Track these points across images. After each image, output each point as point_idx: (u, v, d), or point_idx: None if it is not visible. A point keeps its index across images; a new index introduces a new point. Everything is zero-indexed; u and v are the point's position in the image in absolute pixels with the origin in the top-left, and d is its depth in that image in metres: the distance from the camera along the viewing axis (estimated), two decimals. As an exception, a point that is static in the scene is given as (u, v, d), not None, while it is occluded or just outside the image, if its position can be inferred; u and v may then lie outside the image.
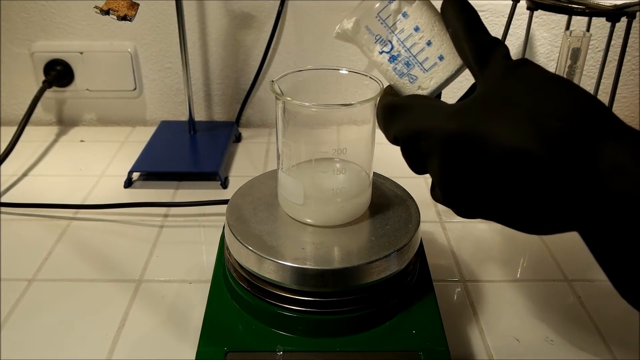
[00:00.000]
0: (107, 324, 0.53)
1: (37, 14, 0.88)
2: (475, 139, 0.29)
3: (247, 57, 0.92)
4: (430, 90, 0.35)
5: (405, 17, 0.33)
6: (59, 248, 0.64)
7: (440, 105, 0.32)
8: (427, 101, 0.33)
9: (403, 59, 0.34)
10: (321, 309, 0.46)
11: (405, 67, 0.35)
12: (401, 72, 0.35)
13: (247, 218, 0.50)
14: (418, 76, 0.35)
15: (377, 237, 0.47)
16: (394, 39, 0.34)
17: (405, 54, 0.34)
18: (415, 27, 0.33)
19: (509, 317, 0.55)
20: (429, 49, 0.34)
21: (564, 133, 0.27)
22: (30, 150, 0.87)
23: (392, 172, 0.58)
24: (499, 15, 0.88)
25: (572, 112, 0.28)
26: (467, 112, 0.30)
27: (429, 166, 0.34)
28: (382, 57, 0.35)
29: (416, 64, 0.34)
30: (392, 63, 0.35)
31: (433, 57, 0.34)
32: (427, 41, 0.34)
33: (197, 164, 0.80)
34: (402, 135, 0.34)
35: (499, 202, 0.31)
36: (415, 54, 0.34)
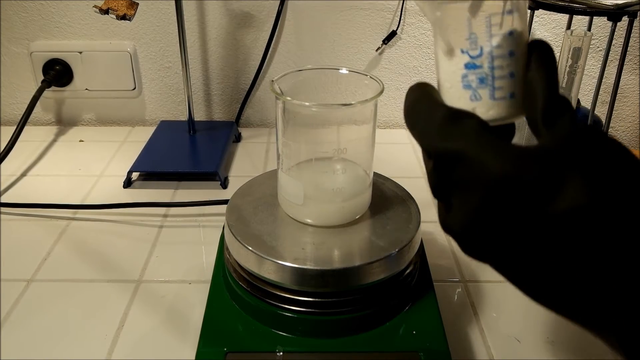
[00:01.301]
0: (107, 324, 0.53)
1: (36, 14, 0.88)
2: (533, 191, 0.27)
3: (246, 57, 0.92)
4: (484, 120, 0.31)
5: (510, 36, 0.30)
6: (58, 248, 0.64)
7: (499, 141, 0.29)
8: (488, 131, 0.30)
9: (481, 73, 0.30)
10: (321, 310, 0.45)
11: (477, 82, 0.30)
12: (468, 84, 0.31)
13: (247, 218, 0.49)
14: (482, 98, 0.31)
15: (377, 237, 0.47)
16: (487, 49, 0.30)
17: (487, 70, 0.30)
18: (510, 51, 0.30)
19: (509, 318, 0.55)
20: (508, 80, 0.30)
21: None
22: (29, 150, 0.87)
23: (392, 172, 0.57)
24: (499, 15, 0.88)
25: None
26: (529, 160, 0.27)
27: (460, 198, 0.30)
28: (461, 57, 0.31)
29: (489, 86, 0.30)
30: (466, 69, 0.31)
31: (507, 90, 0.30)
32: (512, 72, 0.30)
33: (197, 164, 0.80)
34: (444, 152, 0.30)
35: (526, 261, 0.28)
36: (495, 76, 0.30)
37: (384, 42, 0.90)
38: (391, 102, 0.96)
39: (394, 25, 0.89)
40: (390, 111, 0.97)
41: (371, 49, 0.91)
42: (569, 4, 0.66)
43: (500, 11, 0.30)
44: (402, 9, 0.88)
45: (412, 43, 0.91)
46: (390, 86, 0.94)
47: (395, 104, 0.96)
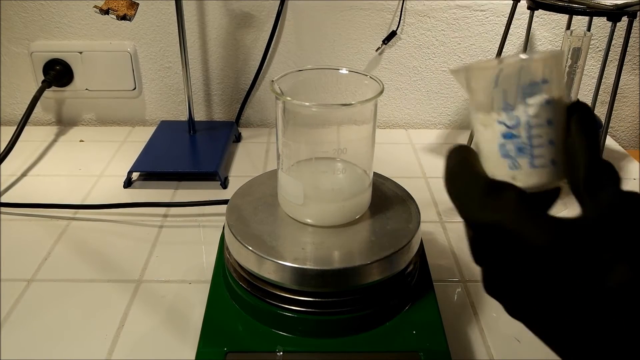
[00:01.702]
0: (107, 324, 0.53)
1: (36, 14, 0.88)
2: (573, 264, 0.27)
3: (246, 57, 0.92)
4: (523, 187, 0.30)
5: (547, 105, 0.29)
6: (58, 248, 0.64)
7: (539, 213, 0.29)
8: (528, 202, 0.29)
9: (519, 143, 0.29)
10: (321, 309, 0.45)
11: (515, 151, 0.30)
12: (506, 153, 0.30)
13: (247, 218, 0.49)
14: (522, 167, 0.30)
15: (377, 237, 0.47)
16: (524, 118, 0.29)
17: (525, 139, 0.29)
18: (549, 120, 0.29)
19: (509, 317, 0.54)
20: (548, 148, 0.29)
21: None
22: (29, 150, 0.87)
23: (392, 172, 0.57)
24: (500, 15, 0.88)
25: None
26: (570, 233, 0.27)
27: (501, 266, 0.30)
28: (497, 127, 0.30)
29: (528, 155, 0.30)
30: (504, 139, 0.30)
31: (547, 157, 0.30)
32: (551, 140, 0.29)
33: (197, 164, 0.80)
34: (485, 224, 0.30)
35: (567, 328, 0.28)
36: (533, 145, 0.29)
37: (384, 42, 0.90)
38: (391, 102, 0.96)
39: (394, 25, 0.89)
40: (390, 111, 0.97)
41: (371, 49, 0.91)
42: (569, 4, 0.66)
43: (534, 82, 0.29)
44: (402, 9, 0.88)
45: (412, 43, 0.91)
46: (390, 86, 0.94)
47: (395, 104, 0.96)
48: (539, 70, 0.29)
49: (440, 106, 0.96)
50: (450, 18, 0.89)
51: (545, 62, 0.29)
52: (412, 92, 0.95)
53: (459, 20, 0.89)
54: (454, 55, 0.92)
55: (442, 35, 0.90)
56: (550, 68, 0.29)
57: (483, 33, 0.90)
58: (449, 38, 0.90)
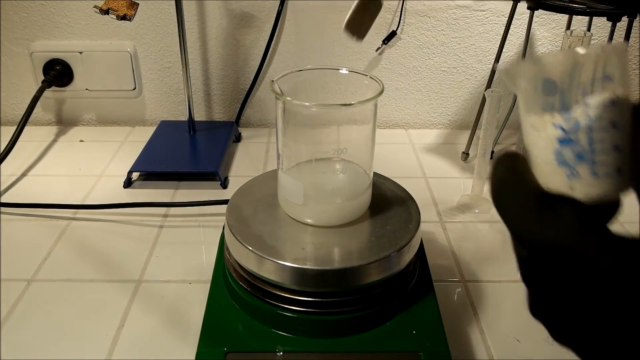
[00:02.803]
0: (107, 324, 0.53)
1: (36, 14, 0.88)
2: None
3: (247, 57, 0.92)
4: (582, 199, 0.27)
5: (611, 106, 0.25)
6: (58, 248, 0.64)
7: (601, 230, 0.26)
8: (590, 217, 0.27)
9: (578, 149, 0.26)
10: (321, 310, 0.45)
11: (574, 158, 0.26)
12: (563, 160, 0.26)
13: (247, 218, 0.49)
14: (582, 176, 0.26)
15: (377, 238, 0.47)
16: (585, 122, 0.26)
17: (585, 145, 0.26)
18: (613, 123, 0.25)
19: (509, 317, 0.55)
20: (612, 154, 0.26)
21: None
22: (29, 150, 0.87)
23: (392, 172, 0.57)
24: (500, 15, 0.88)
25: None
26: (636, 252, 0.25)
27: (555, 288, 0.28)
28: (552, 132, 0.26)
29: (589, 162, 0.26)
30: (560, 145, 0.26)
31: (612, 165, 0.26)
32: (616, 145, 0.26)
33: (197, 163, 0.80)
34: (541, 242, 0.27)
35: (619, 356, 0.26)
36: (596, 151, 0.26)
37: (384, 42, 0.90)
38: (391, 102, 0.96)
39: (394, 25, 0.89)
40: (390, 111, 0.97)
41: (371, 49, 0.91)
42: (569, 4, 0.66)
43: (596, 78, 0.26)
44: (402, 9, 0.88)
45: (412, 43, 0.91)
46: (390, 86, 0.94)
47: (395, 104, 0.96)
48: (600, 66, 0.26)
49: (440, 106, 0.96)
50: (450, 18, 0.89)
51: (607, 56, 0.26)
52: (412, 92, 0.95)
53: (459, 20, 0.89)
54: (454, 55, 0.92)
55: (442, 35, 0.90)
56: (613, 63, 0.26)
57: (483, 33, 0.90)
58: (449, 38, 0.90)
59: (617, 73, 0.26)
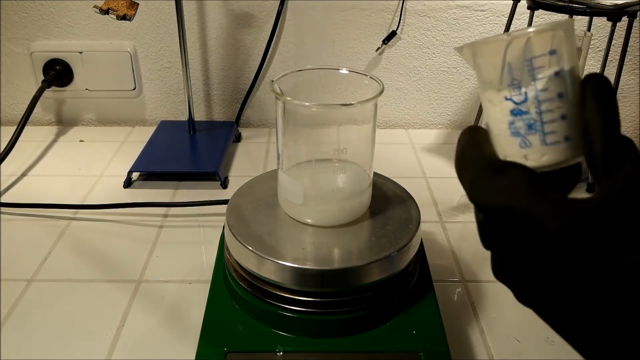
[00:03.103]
0: (107, 324, 0.53)
1: (36, 14, 0.88)
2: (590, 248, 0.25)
3: (246, 57, 0.92)
4: (536, 166, 0.29)
5: (557, 77, 0.27)
6: (58, 248, 0.64)
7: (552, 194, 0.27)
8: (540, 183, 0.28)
9: (528, 119, 0.28)
10: (321, 309, 0.45)
11: (525, 128, 0.28)
12: (516, 131, 0.28)
13: (247, 218, 0.49)
14: (533, 145, 0.28)
15: (377, 237, 0.47)
16: (532, 93, 0.28)
17: (535, 115, 0.28)
18: (559, 93, 0.27)
19: (509, 317, 0.55)
20: (560, 123, 0.28)
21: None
22: (29, 150, 0.87)
23: (392, 172, 0.57)
24: (500, 15, 0.88)
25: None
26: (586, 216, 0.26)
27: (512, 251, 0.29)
28: (505, 105, 0.29)
29: (539, 131, 0.28)
30: (512, 116, 0.28)
31: (560, 133, 0.28)
32: (563, 114, 0.28)
33: (197, 163, 0.80)
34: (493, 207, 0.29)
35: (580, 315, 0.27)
36: (544, 121, 0.28)
37: (384, 42, 0.90)
38: (391, 102, 0.96)
39: (394, 25, 0.89)
40: (390, 111, 0.97)
41: (371, 49, 0.91)
42: (569, 4, 0.66)
43: (542, 53, 0.27)
44: (402, 9, 0.88)
45: (412, 43, 0.91)
46: (390, 86, 0.94)
47: (395, 104, 0.96)
48: (547, 42, 0.27)
49: (440, 106, 0.96)
50: (450, 18, 0.89)
51: (553, 32, 0.27)
52: (412, 92, 0.95)
53: (459, 20, 0.89)
54: (454, 55, 0.92)
55: (442, 35, 0.90)
56: (558, 38, 0.27)
57: (483, 33, 0.90)
58: (449, 38, 0.90)
59: (564, 47, 0.27)
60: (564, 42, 0.27)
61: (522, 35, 0.27)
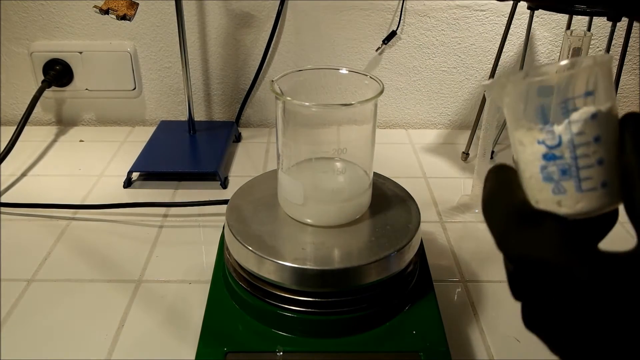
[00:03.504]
0: (107, 324, 0.53)
1: (36, 14, 0.88)
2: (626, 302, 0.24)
3: (246, 57, 0.92)
4: (570, 213, 0.27)
5: (593, 119, 0.25)
6: (58, 248, 0.64)
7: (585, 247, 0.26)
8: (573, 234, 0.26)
9: (562, 164, 0.26)
10: (321, 310, 0.45)
11: (559, 173, 0.26)
12: (549, 176, 0.26)
13: (247, 218, 0.49)
14: (567, 191, 0.26)
15: (377, 238, 0.47)
16: (567, 137, 0.26)
17: (570, 160, 0.26)
18: (596, 137, 0.25)
19: (509, 317, 0.55)
20: (596, 168, 0.26)
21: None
22: (29, 150, 0.87)
23: (392, 172, 0.57)
24: (500, 15, 0.88)
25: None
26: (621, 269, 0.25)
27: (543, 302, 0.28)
28: (537, 148, 0.26)
29: (574, 177, 0.26)
30: (545, 160, 0.26)
31: (597, 179, 0.26)
32: (600, 159, 0.26)
33: (197, 164, 0.80)
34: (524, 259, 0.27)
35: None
36: (580, 167, 0.26)
37: (384, 42, 0.90)
38: (391, 102, 0.96)
39: (394, 25, 0.89)
40: (390, 111, 0.97)
41: (371, 49, 0.91)
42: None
43: (577, 95, 0.26)
44: (402, 9, 0.88)
45: (412, 43, 0.91)
46: (390, 86, 0.94)
47: (395, 104, 0.96)
48: (583, 81, 0.26)
49: (440, 106, 0.96)
50: (450, 18, 0.89)
51: (589, 70, 0.26)
52: (412, 92, 0.95)
53: (459, 20, 0.89)
54: (454, 55, 0.92)
55: (442, 35, 0.90)
56: (595, 77, 0.26)
57: (483, 33, 0.90)
58: (449, 38, 0.90)
59: (601, 86, 0.26)
60: (601, 81, 0.26)
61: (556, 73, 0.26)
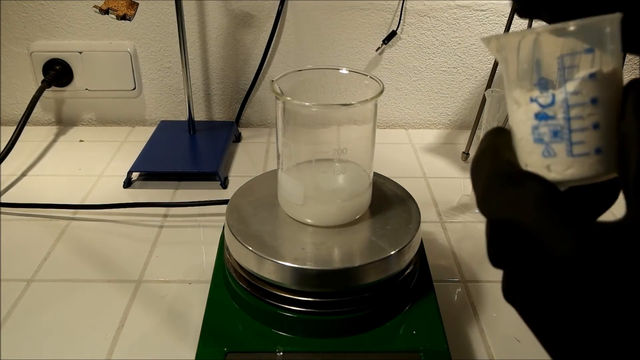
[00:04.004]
0: (107, 325, 0.53)
1: (36, 14, 0.88)
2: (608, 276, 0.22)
3: (246, 57, 0.92)
4: (560, 179, 0.25)
5: (592, 79, 0.24)
6: (58, 248, 0.64)
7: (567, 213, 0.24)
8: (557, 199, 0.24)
9: (554, 125, 0.24)
10: (321, 310, 0.45)
11: (550, 135, 0.25)
12: (539, 137, 0.25)
13: (247, 218, 0.49)
14: (557, 154, 0.25)
15: (377, 238, 0.47)
16: (561, 96, 0.24)
17: (562, 122, 0.24)
18: (593, 98, 0.24)
19: (509, 317, 0.55)
20: (591, 132, 0.24)
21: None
22: (29, 150, 0.87)
23: (392, 172, 0.57)
24: (500, 15, 0.88)
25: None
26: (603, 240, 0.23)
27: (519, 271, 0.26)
28: (530, 107, 0.25)
29: (566, 140, 0.24)
30: (537, 120, 0.25)
31: (590, 144, 0.24)
32: (595, 123, 0.24)
33: (197, 163, 0.80)
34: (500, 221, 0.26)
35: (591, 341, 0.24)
36: (572, 129, 0.24)
37: (384, 42, 0.90)
38: (391, 102, 0.96)
39: (394, 25, 0.89)
40: (390, 111, 0.97)
41: (371, 49, 0.91)
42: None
43: (576, 51, 0.24)
44: (402, 9, 0.88)
45: (412, 43, 0.91)
46: (390, 86, 0.94)
47: (395, 104, 0.96)
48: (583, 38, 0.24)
49: (440, 106, 0.96)
50: (450, 18, 0.89)
51: (591, 27, 0.23)
52: (412, 92, 0.95)
53: (459, 20, 0.89)
54: (454, 55, 0.92)
55: (442, 35, 0.90)
56: (598, 34, 0.23)
57: (483, 33, 0.90)
58: (449, 38, 0.90)
59: (606, 46, 0.24)
60: (606, 39, 0.24)
61: (555, 29, 0.24)
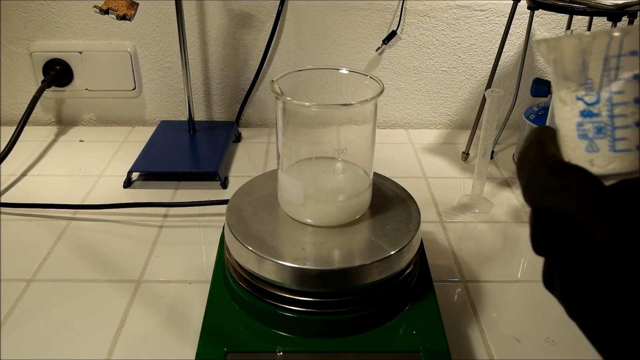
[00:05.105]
0: (107, 325, 0.53)
1: (36, 14, 0.88)
2: None
3: (246, 57, 0.92)
4: (602, 173, 0.27)
5: (635, 80, 0.26)
6: (58, 248, 0.64)
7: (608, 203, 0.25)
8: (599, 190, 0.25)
9: (598, 122, 0.26)
10: (321, 310, 0.45)
11: (594, 131, 0.26)
12: (584, 134, 0.27)
13: (247, 218, 0.49)
14: (600, 150, 0.26)
15: (377, 238, 0.47)
16: (606, 95, 0.26)
17: (606, 119, 0.26)
18: (636, 98, 0.26)
19: (509, 317, 0.55)
20: (633, 130, 0.26)
21: None
22: (29, 150, 0.87)
23: (392, 172, 0.57)
24: (500, 15, 0.88)
25: None
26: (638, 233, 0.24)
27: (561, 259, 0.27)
28: (576, 105, 0.27)
29: (609, 136, 0.26)
30: (582, 117, 0.27)
31: (632, 141, 0.26)
32: (638, 121, 0.26)
33: (197, 163, 0.80)
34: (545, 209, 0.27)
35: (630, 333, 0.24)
36: (615, 126, 0.26)
37: (384, 42, 0.90)
38: (391, 102, 0.96)
39: (394, 25, 0.89)
40: (390, 111, 0.97)
41: (371, 49, 0.91)
42: (569, 4, 0.66)
43: (620, 53, 0.26)
44: (402, 9, 0.88)
45: (412, 43, 0.91)
46: (390, 86, 0.94)
47: (395, 104, 0.96)
48: (629, 41, 0.26)
49: (440, 106, 0.96)
50: (450, 18, 0.89)
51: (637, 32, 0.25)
52: (412, 92, 0.95)
53: (459, 20, 0.89)
54: (454, 55, 0.92)
55: (442, 35, 0.90)
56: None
57: (483, 33, 0.90)
58: (449, 38, 0.90)
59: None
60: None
61: (603, 34, 0.26)
